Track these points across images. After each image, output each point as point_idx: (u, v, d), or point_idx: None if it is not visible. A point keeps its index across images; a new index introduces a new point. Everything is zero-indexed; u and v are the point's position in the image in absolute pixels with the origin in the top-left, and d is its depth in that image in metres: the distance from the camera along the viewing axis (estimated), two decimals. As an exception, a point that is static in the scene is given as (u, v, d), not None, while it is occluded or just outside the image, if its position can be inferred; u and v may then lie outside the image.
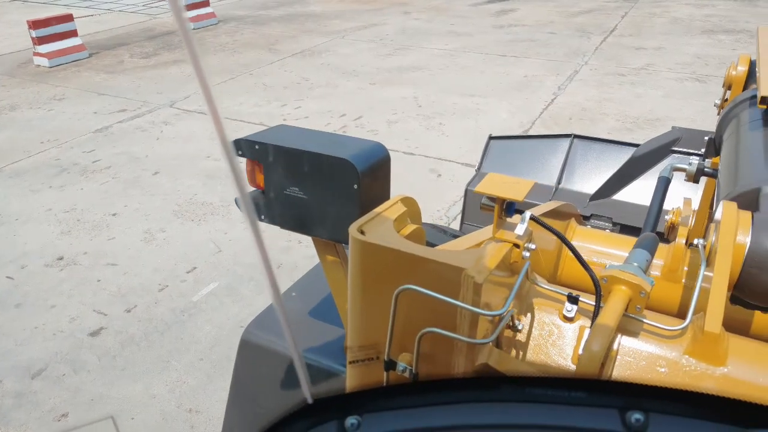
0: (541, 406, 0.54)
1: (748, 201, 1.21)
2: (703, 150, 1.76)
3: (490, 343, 0.96)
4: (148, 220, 5.14)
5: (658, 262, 1.60)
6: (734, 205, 1.09)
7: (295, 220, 1.37)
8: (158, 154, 6.44)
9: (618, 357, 1.00)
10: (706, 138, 1.77)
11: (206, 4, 12.41)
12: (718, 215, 1.07)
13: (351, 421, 0.57)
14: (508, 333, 1.04)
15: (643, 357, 1.00)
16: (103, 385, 3.51)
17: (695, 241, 1.15)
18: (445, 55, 9.90)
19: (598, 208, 3.29)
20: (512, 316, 1.00)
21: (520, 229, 1.05)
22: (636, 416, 0.52)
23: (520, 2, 13.87)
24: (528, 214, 1.06)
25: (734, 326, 1.50)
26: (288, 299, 1.83)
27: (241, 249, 4.66)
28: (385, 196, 1.34)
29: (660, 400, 0.52)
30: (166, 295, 4.20)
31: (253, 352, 1.69)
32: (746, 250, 1.03)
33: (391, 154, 5.78)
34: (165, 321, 3.96)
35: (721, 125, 1.70)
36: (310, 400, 0.59)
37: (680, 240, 1.42)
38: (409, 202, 1.17)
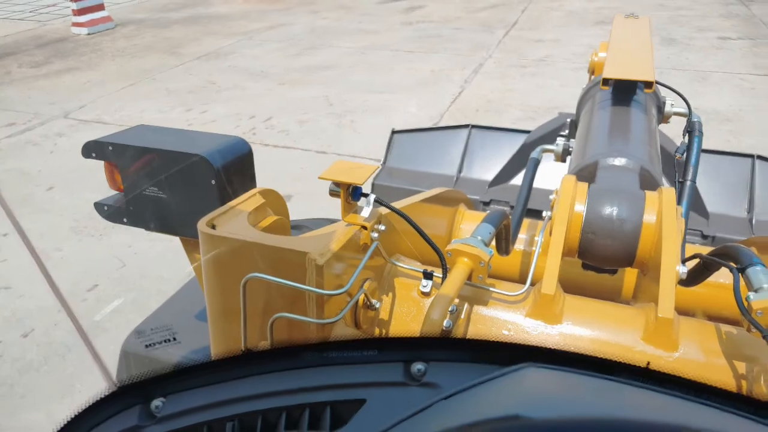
0: (336, 368, 0.58)
1: (589, 174, 1.31)
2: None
3: (342, 323, 0.98)
4: (43, 238, 4.82)
5: (540, 238, 1.70)
6: (573, 178, 1.18)
7: (158, 220, 1.34)
8: (52, 169, 6.05)
9: (469, 324, 1.06)
10: (569, 120, 1.90)
11: (101, 7, 11.78)
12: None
13: (156, 403, 0.58)
14: (371, 313, 1.08)
15: (491, 322, 1.07)
16: (2, 416, 3.26)
17: (543, 213, 1.23)
18: (354, 53, 9.94)
19: (497, 194, 3.42)
20: (366, 296, 1.03)
21: (365, 212, 1.08)
22: (418, 367, 0.57)
23: (426, -1, 14.15)
24: (372, 197, 1.09)
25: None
26: (176, 300, 1.79)
27: (147, 261, 4.47)
28: (249, 190, 1.34)
29: (440, 350, 0.57)
30: (65, 317, 3.95)
31: (134, 361, 1.64)
32: (583, 218, 1.12)
33: (303, 153, 5.68)
34: (66, 344, 3.73)
35: (579, 106, 1.82)
36: (113, 388, 0.59)
37: None
38: (269, 194, 1.17)
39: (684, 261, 1.16)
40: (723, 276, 1.32)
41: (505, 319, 1.07)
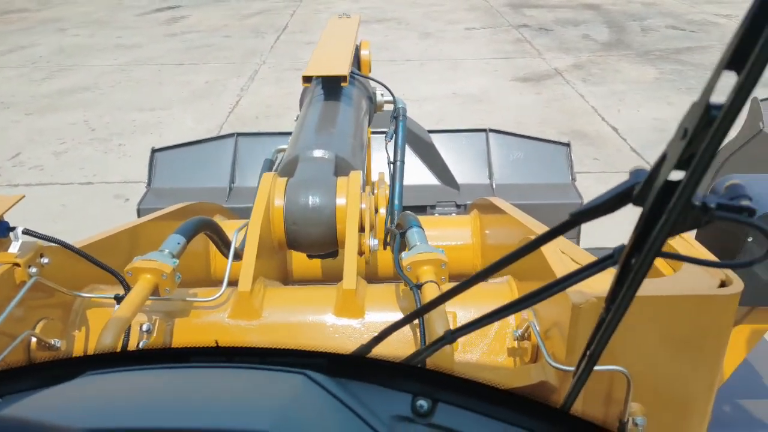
0: None
1: (293, 168, 1.33)
2: None
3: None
4: None
5: (234, 237, 1.73)
6: (270, 174, 1.18)
7: None
8: None
9: (172, 338, 1.02)
10: (296, 117, 1.92)
11: None
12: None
13: None
14: (58, 354, 0.98)
15: (194, 331, 1.05)
16: None
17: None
18: (115, 71, 9.11)
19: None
20: (37, 337, 0.93)
21: (14, 247, 0.96)
22: None
23: (191, 8, 13.57)
24: (19, 229, 0.97)
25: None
26: None
27: None
28: None
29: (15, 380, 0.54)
30: None
31: None
32: (284, 211, 1.14)
33: (64, 188, 4.98)
34: None
35: (300, 103, 1.86)
36: None
37: None
38: None
39: (387, 233, 1.25)
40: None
41: (208, 324, 1.06)
